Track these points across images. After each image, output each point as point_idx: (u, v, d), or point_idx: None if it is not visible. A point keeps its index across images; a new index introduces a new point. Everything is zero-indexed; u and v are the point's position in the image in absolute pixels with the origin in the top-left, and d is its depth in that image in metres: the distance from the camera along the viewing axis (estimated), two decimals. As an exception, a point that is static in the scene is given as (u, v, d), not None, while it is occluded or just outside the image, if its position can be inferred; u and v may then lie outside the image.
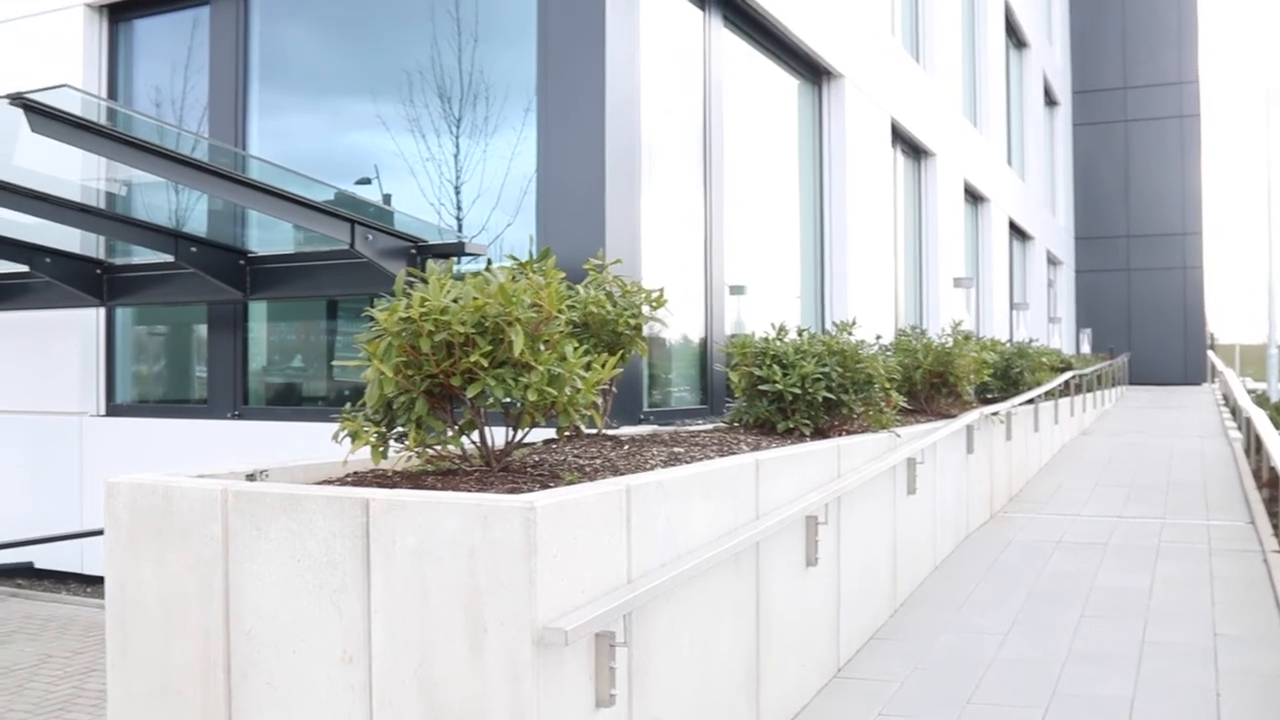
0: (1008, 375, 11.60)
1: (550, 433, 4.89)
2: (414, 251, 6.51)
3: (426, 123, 8.00)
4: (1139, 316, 36.14)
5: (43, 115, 4.66)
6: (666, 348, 8.36)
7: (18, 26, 9.45)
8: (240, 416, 8.48)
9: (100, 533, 6.99)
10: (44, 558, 9.09)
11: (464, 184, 7.89)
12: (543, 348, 3.75)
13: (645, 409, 7.66)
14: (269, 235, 7.82)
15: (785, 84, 10.90)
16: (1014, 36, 24.51)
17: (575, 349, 3.86)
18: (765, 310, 10.09)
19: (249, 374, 8.66)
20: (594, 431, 5.33)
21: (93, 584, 9.13)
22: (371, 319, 3.72)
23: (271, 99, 8.72)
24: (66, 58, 9.11)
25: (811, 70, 11.27)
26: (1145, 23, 36.63)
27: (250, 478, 4.00)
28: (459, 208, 7.92)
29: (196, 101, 8.96)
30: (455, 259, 6.65)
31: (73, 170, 6.72)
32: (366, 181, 8.35)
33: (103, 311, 9.12)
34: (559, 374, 3.70)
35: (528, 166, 7.58)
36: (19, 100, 4.53)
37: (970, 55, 19.63)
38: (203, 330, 8.92)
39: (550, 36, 7.27)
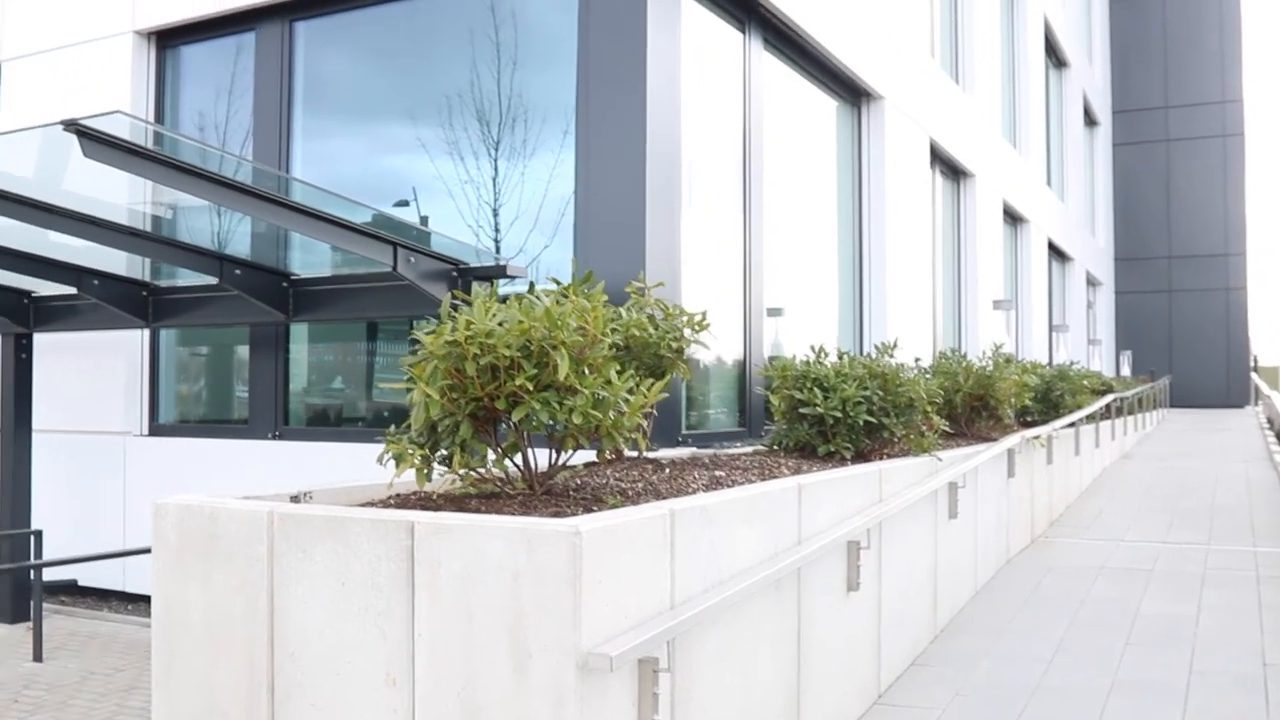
0: (1048, 398, 11.50)
1: (591, 455, 4.89)
2: (455, 274, 6.54)
3: (465, 146, 8.07)
4: (1180, 338, 35.72)
5: (95, 141, 4.73)
6: (705, 370, 8.36)
7: (69, 53, 9.63)
8: (280, 437, 8.54)
9: (143, 551, 7.07)
10: (87, 575, 9.19)
11: (502, 206, 7.94)
12: (587, 371, 3.75)
13: (683, 431, 7.65)
14: (311, 257, 7.89)
15: (824, 105, 10.90)
16: (1054, 56, 24.39)
17: (620, 372, 3.86)
18: (803, 332, 10.06)
19: (289, 395, 8.73)
20: (635, 454, 5.33)
21: (134, 601, 9.22)
22: (415, 341, 3.74)
23: (314, 123, 8.83)
24: (116, 83, 9.26)
25: (851, 91, 11.26)
26: (1187, 41, 36.34)
27: (295, 499, 4.03)
28: (497, 229, 7.96)
29: (239, 125, 9.08)
30: (496, 281, 6.68)
31: (120, 194, 6.82)
32: (405, 204, 8.42)
33: (147, 332, 9.24)
34: (604, 397, 3.70)
35: (565, 189, 7.61)
36: (72, 126, 4.61)
37: (1010, 75, 19.54)
38: (244, 351, 9.01)
39: (591, 58, 7.31)
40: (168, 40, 9.39)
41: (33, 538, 8.66)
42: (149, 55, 9.37)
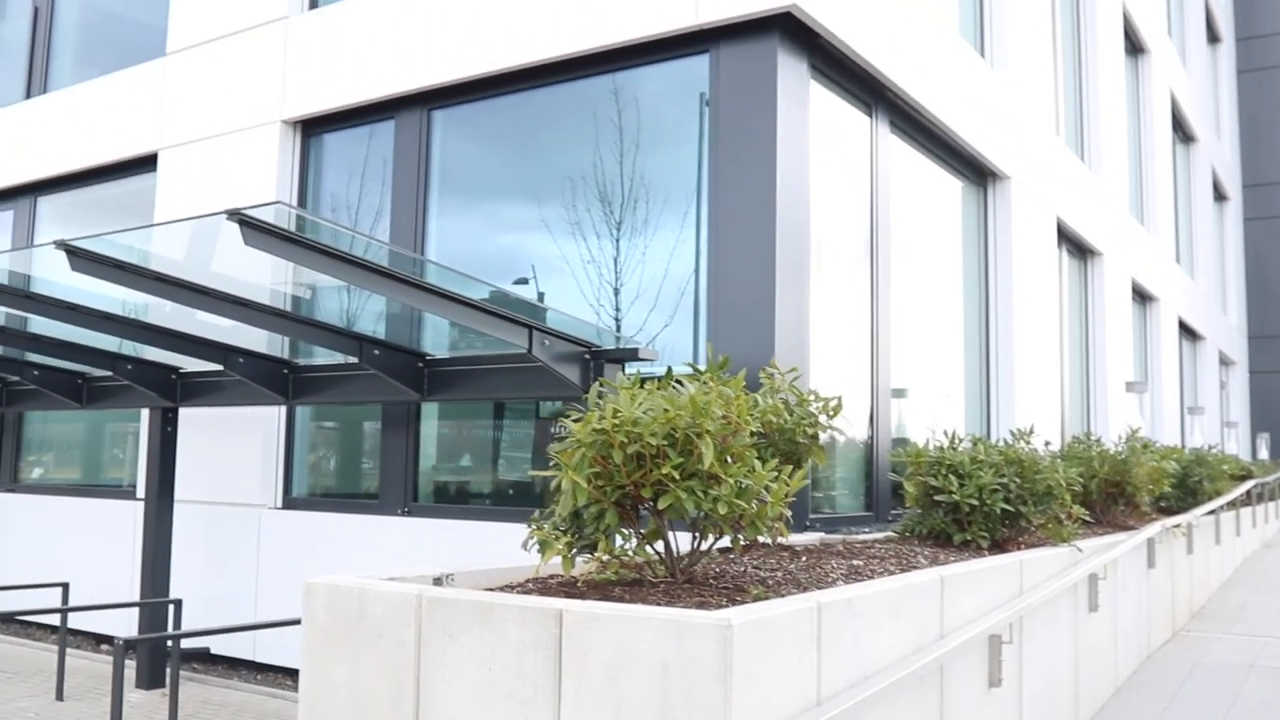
0: (1185, 484, 11.07)
1: (725, 540, 4.86)
2: (587, 356, 6.62)
3: (588, 225, 8.21)
4: (1322, 419, 34.11)
5: (256, 229, 4.96)
6: (831, 452, 8.26)
7: (220, 141, 10.14)
8: (410, 513, 8.69)
9: (284, 624, 7.22)
10: (218, 644, 9.42)
11: (623, 285, 8.03)
12: (730, 459, 3.75)
13: (810, 515, 7.55)
14: (443, 338, 8.08)
15: (950, 186, 10.83)
16: (1181, 131, 23.87)
17: (760, 460, 3.85)
18: (930, 414, 9.90)
19: (419, 471, 8.89)
20: (768, 541, 5.28)
21: (262, 671, 9.40)
22: (554, 425, 3.79)
23: (446, 204, 9.11)
24: (263, 169, 9.71)
25: (976, 172, 11.18)
26: (1320, 114, 35.20)
27: (437, 581, 4.09)
28: (618, 308, 8.05)
29: (370, 205, 9.42)
30: (627, 365, 6.73)
31: (263, 275, 7.08)
32: (524, 281, 8.58)
33: (284, 408, 9.54)
34: (748, 486, 3.69)
35: (685, 268, 7.67)
36: (235, 216, 4.84)
37: (1136, 152, 19.18)
38: (373, 427, 9.22)
39: (721, 140, 7.39)
40: (312, 128, 9.82)
41: (172, 606, 8.92)
42: (294, 142, 9.81)
